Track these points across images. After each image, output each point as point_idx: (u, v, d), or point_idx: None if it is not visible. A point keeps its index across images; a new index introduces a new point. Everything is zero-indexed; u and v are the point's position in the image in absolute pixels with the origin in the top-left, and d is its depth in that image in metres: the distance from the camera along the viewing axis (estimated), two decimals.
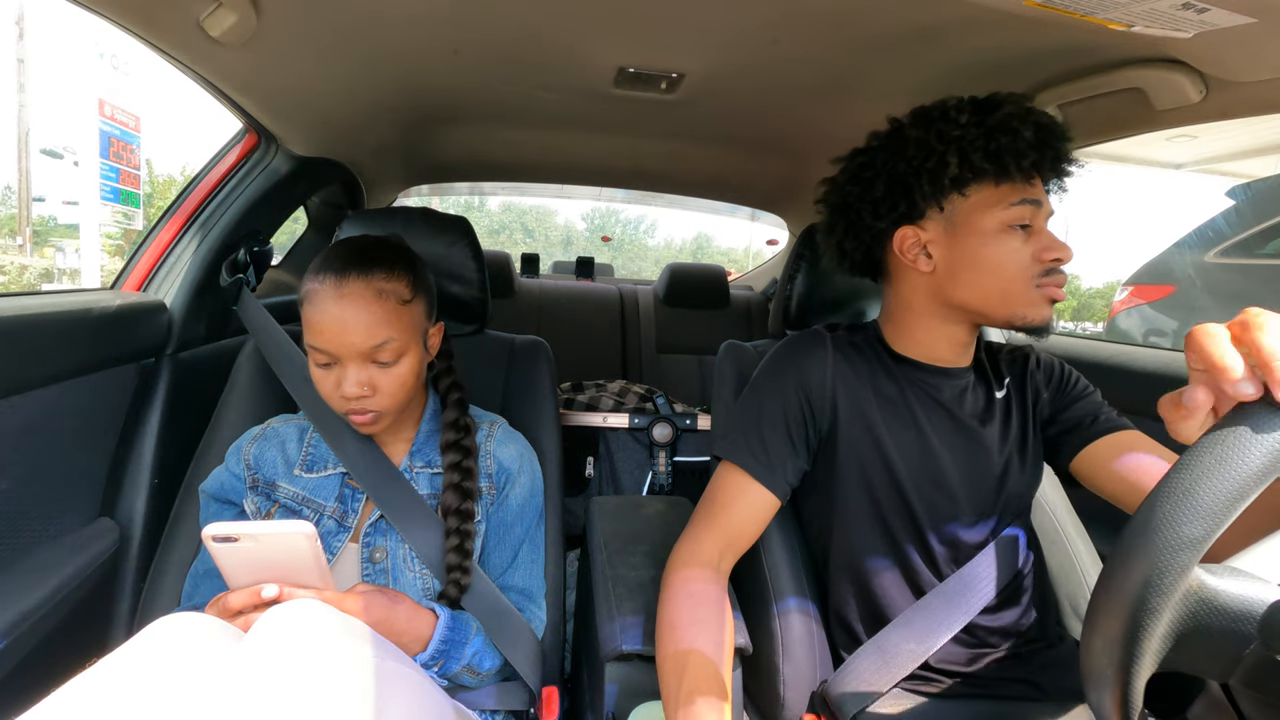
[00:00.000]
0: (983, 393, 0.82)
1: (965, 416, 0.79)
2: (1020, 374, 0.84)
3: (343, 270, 0.72)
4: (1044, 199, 0.73)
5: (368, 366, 0.73)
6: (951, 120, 0.73)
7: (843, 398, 0.79)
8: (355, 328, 0.71)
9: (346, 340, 0.71)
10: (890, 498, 0.77)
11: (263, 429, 0.85)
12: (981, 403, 0.81)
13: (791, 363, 0.81)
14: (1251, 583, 0.37)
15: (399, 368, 0.74)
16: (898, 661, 0.75)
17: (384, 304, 0.72)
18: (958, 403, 0.80)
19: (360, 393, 0.72)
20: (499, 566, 0.84)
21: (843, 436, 0.78)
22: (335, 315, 0.70)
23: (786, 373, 0.81)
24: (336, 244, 0.77)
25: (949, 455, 0.77)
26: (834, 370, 0.80)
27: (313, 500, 0.80)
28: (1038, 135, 0.70)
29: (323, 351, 0.72)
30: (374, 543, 0.79)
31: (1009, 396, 0.83)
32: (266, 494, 0.80)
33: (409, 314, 0.75)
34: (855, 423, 0.78)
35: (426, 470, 0.84)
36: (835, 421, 0.79)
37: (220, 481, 0.83)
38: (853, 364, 0.81)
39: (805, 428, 0.79)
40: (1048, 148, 0.71)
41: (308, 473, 0.82)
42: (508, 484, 0.85)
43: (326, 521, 0.79)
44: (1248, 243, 2.87)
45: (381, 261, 0.74)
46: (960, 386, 0.80)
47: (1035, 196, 0.72)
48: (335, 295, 0.71)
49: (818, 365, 0.80)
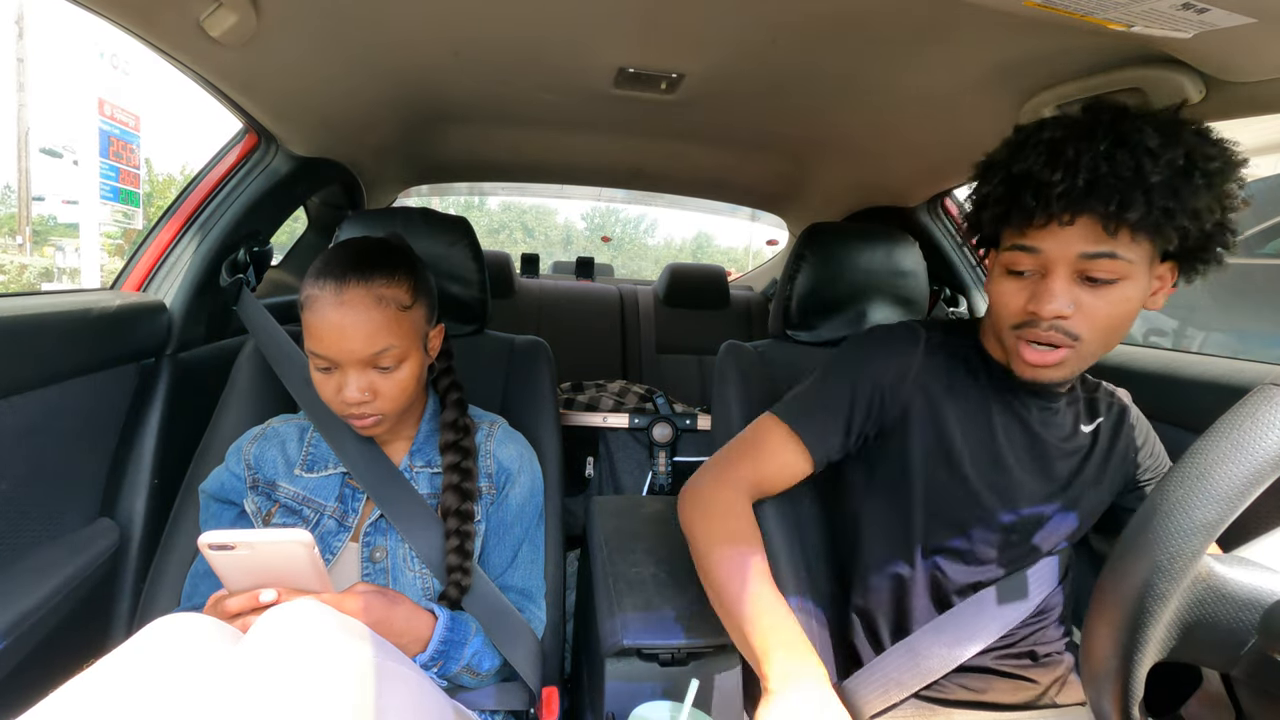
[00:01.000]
0: (1070, 421, 0.79)
1: (1047, 438, 0.77)
2: (1117, 420, 0.81)
3: (343, 276, 0.71)
4: (1050, 248, 0.65)
5: (368, 372, 0.73)
6: (1014, 151, 0.68)
7: (919, 398, 0.77)
8: (356, 335, 0.70)
9: (347, 347, 0.71)
10: (950, 500, 0.76)
11: (263, 429, 0.85)
12: (1067, 430, 0.78)
13: (876, 350, 0.80)
14: (1260, 573, 0.37)
15: (400, 373, 0.75)
16: (928, 665, 0.74)
17: (384, 310, 0.72)
18: (1042, 423, 0.77)
19: (361, 398, 0.72)
20: (499, 566, 0.84)
21: (913, 434, 0.76)
22: (335, 322, 0.70)
23: (866, 361, 0.79)
24: (336, 247, 0.77)
25: (1019, 471, 0.76)
26: (918, 371, 0.78)
27: (313, 500, 0.80)
28: (1069, 186, 0.61)
29: (323, 357, 0.72)
30: (374, 542, 0.79)
31: (1098, 434, 0.79)
32: (267, 494, 0.80)
33: (409, 319, 0.75)
34: (927, 425, 0.76)
35: (426, 470, 0.84)
36: (906, 420, 0.77)
37: (220, 481, 0.83)
38: (939, 366, 0.78)
39: (867, 417, 0.77)
40: (1071, 201, 0.62)
41: (308, 472, 0.82)
42: (508, 484, 0.85)
43: (326, 521, 0.79)
44: (1248, 243, 2.87)
45: (382, 266, 0.74)
46: (1048, 407, 0.77)
47: (1033, 244, 0.66)
48: (335, 302, 0.70)
49: (901, 362, 0.78)
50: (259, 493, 0.81)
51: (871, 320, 1.09)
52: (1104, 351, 0.69)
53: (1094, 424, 0.80)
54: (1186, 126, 0.62)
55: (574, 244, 39.73)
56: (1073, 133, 0.63)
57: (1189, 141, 0.61)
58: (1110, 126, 0.62)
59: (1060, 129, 0.64)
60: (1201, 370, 0.97)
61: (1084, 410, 0.80)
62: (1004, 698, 0.77)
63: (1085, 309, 0.65)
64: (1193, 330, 2.99)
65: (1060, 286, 0.65)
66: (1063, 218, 0.63)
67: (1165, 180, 0.59)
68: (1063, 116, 0.67)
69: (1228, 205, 0.63)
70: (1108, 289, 0.64)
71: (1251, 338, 2.81)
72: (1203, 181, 0.60)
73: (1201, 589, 0.36)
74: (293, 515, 0.80)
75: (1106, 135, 0.62)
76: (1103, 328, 0.66)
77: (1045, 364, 0.68)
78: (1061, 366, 0.69)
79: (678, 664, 0.76)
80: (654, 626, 0.76)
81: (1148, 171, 0.59)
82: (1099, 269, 0.64)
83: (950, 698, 0.76)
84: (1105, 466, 0.79)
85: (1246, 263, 2.85)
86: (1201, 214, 0.61)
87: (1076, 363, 0.69)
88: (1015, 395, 0.77)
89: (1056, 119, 0.67)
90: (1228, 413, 0.36)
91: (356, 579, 0.77)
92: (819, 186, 1.83)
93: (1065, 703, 0.78)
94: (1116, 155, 0.60)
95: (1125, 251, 0.63)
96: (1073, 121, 0.65)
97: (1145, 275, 0.65)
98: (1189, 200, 0.60)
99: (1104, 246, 0.63)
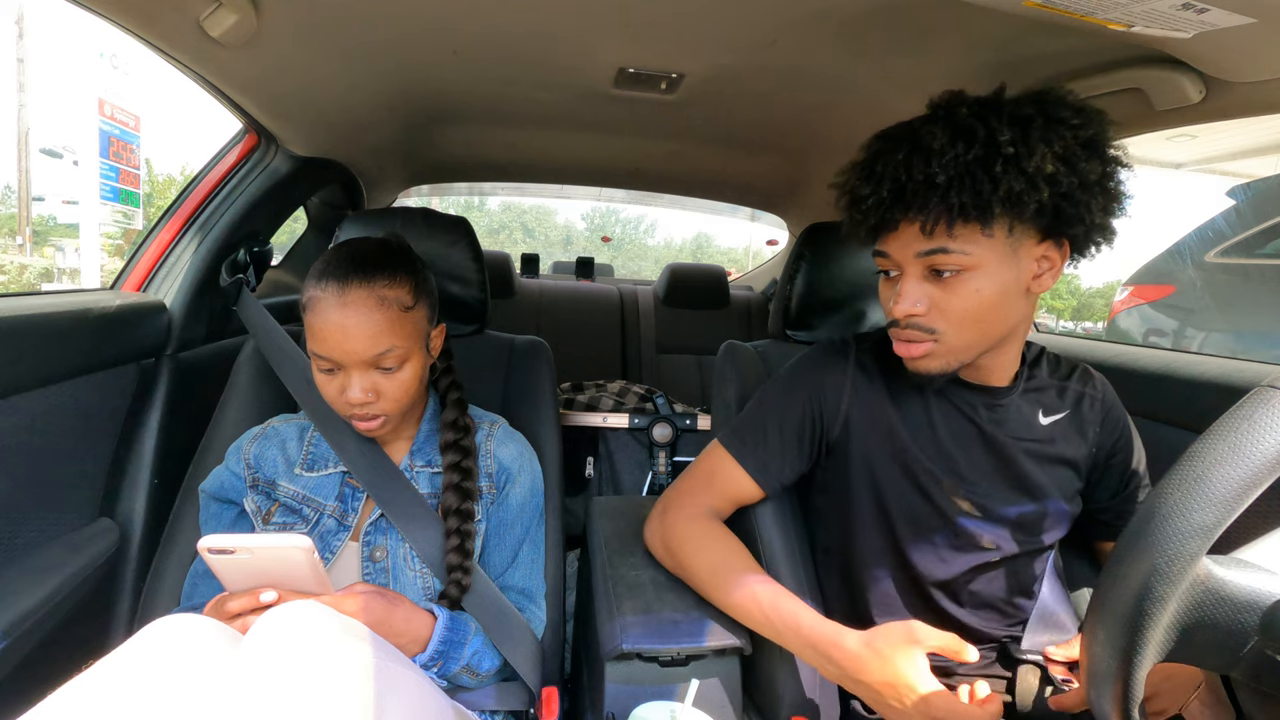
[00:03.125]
0: (1026, 416, 0.77)
1: (999, 435, 0.76)
2: (1075, 406, 0.79)
3: (345, 277, 0.71)
4: (894, 251, 0.69)
5: (371, 373, 0.73)
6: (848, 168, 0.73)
7: (857, 411, 0.78)
8: (358, 335, 0.70)
9: (350, 348, 0.71)
10: (909, 506, 0.76)
11: (263, 428, 0.85)
12: (1022, 426, 0.77)
13: (808, 372, 0.82)
14: (1258, 574, 0.37)
15: (403, 373, 0.75)
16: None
17: (387, 311, 0.72)
18: (993, 421, 0.76)
19: (365, 399, 0.72)
20: (499, 566, 0.84)
21: (855, 447, 0.78)
22: (338, 323, 0.70)
23: (802, 381, 0.81)
24: (337, 247, 0.77)
25: (972, 472, 0.76)
26: (851, 383, 0.79)
27: (313, 499, 0.80)
28: (877, 199, 0.66)
29: (326, 359, 0.72)
30: (374, 541, 0.79)
31: (1059, 426, 0.78)
32: (267, 493, 0.80)
33: (411, 320, 0.75)
34: (872, 435, 0.77)
35: (427, 469, 0.84)
36: (848, 434, 0.78)
37: (220, 481, 0.83)
38: (874, 376, 0.80)
39: (811, 434, 0.80)
40: (886, 210, 0.66)
41: (308, 471, 0.82)
42: (508, 483, 0.85)
43: (326, 520, 0.79)
44: (1248, 243, 2.87)
45: (384, 267, 0.74)
46: (996, 405, 0.76)
47: (882, 249, 0.70)
48: (338, 303, 0.70)
49: (835, 379, 0.80)
50: (259, 491, 0.81)
51: (871, 320, 1.09)
52: (982, 341, 0.70)
53: (1055, 416, 0.78)
54: (990, 116, 0.63)
55: (574, 244, 39.77)
56: (884, 146, 0.68)
57: (984, 132, 0.62)
58: (912, 133, 0.66)
59: (877, 143, 0.69)
60: (1200, 370, 0.97)
61: (1046, 403, 0.78)
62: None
63: (939, 304, 0.67)
64: (1192, 330, 2.99)
65: (908, 286, 0.68)
66: (888, 225, 0.68)
67: (958, 176, 0.61)
68: (885, 130, 0.70)
69: (1062, 177, 0.62)
70: (956, 282, 0.66)
71: (1251, 338, 2.81)
72: (1007, 166, 0.61)
73: (1200, 591, 0.36)
74: (292, 514, 0.79)
75: (906, 143, 0.65)
76: (959, 320, 0.67)
77: (913, 356, 0.70)
78: (931, 359, 0.70)
79: (677, 665, 0.76)
80: (653, 631, 0.76)
81: (934, 172, 0.62)
82: (939, 263, 0.66)
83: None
84: (1068, 459, 0.78)
85: (1246, 263, 2.85)
86: (1022, 195, 0.61)
87: (947, 354, 0.70)
88: (959, 395, 0.77)
89: (879, 133, 0.70)
90: (1225, 415, 0.36)
91: (357, 578, 0.77)
92: (819, 186, 1.83)
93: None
94: (912, 161, 0.64)
95: (954, 245, 0.65)
96: (887, 134, 0.69)
97: (1001, 262, 0.66)
98: (995, 187, 0.61)
99: (930, 244, 0.65)
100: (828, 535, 0.84)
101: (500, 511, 0.85)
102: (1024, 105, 0.64)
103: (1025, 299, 0.69)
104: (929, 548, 0.76)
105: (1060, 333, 1.83)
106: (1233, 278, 2.88)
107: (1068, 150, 0.62)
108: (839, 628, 0.67)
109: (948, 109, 0.66)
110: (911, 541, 0.76)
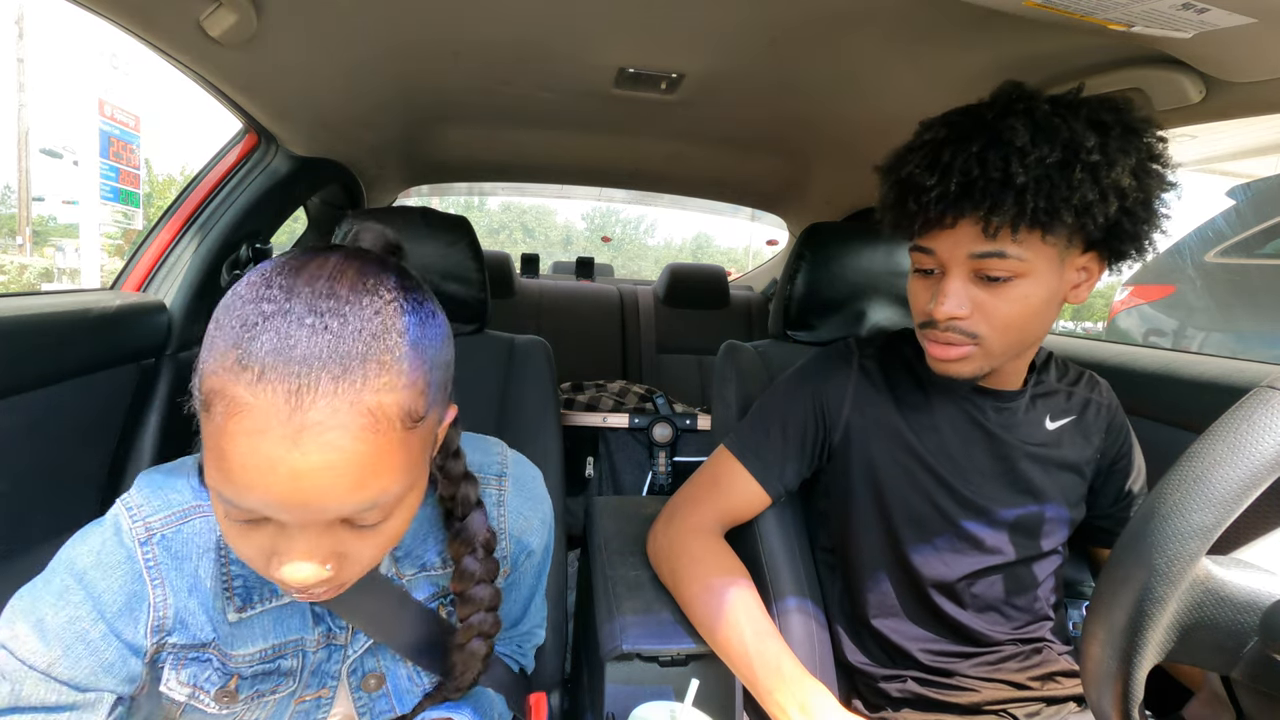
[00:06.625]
0: (1035, 420, 0.77)
1: (1009, 439, 0.75)
2: (1081, 412, 0.79)
3: (296, 371, 0.36)
4: (942, 249, 0.66)
5: (335, 532, 0.42)
6: (902, 154, 0.69)
7: (860, 416, 0.78)
8: (325, 490, 0.38)
9: (304, 506, 0.38)
10: (912, 509, 0.76)
11: (166, 517, 0.49)
12: (1030, 430, 0.76)
13: (811, 376, 0.82)
14: (1258, 575, 0.37)
15: (390, 524, 0.44)
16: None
17: (380, 437, 0.39)
18: (1001, 425, 0.76)
19: (318, 576, 0.42)
20: (508, 620, 0.73)
21: (858, 450, 0.78)
22: (282, 474, 0.37)
23: (805, 385, 0.81)
24: (277, 269, 0.40)
25: (979, 477, 0.75)
26: (854, 387, 0.79)
27: (287, 642, 0.53)
28: (943, 190, 0.62)
29: (245, 510, 0.39)
30: (366, 669, 0.59)
31: (1065, 431, 0.78)
32: (207, 660, 0.51)
33: (419, 439, 0.43)
34: (876, 439, 0.77)
35: (421, 575, 0.59)
36: (850, 437, 0.78)
37: (85, 669, 0.47)
38: (878, 380, 0.79)
39: (814, 437, 0.80)
40: (949, 205, 0.62)
41: (251, 609, 0.51)
42: (525, 559, 0.68)
43: (314, 657, 0.55)
44: (1248, 243, 2.87)
45: (378, 340, 0.39)
46: (1004, 408, 0.76)
47: (928, 245, 0.67)
48: (285, 434, 0.36)
49: (838, 383, 0.80)
50: (187, 663, 0.50)
51: (871, 320, 1.09)
52: (1019, 347, 0.69)
53: (1062, 421, 0.78)
54: (1070, 117, 0.60)
55: (574, 244, 39.79)
56: (952, 134, 0.63)
57: (1066, 135, 0.59)
58: (986, 125, 0.61)
59: (943, 129, 0.64)
60: (1200, 370, 0.97)
61: (1053, 407, 0.79)
62: (994, 694, 0.77)
63: (983, 308, 0.65)
64: (1192, 330, 2.99)
65: (954, 287, 0.65)
66: (945, 220, 0.64)
67: (1037, 179, 0.58)
68: (949, 115, 0.66)
69: (1131, 192, 0.60)
70: (1005, 287, 0.64)
71: (1251, 338, 2.81)
72: (1085, 175, 0.58)
73: (1200, 592, 0.36)
74: (266, 678, 0.53)
75: (981, 135, 0.61)
76: (1003, 326, 0.65)
77: (949, 359, 0.68)
78: (967, 362, 0.68)
79: (677, 665, 0.76)
80: (653, 631, 0.76)
81: (1014, 172, 0.58)
82: (991, 268, 0.63)
83: (946, 699, 0.76)
84: (1072, 464, 0.78)
85: (1246, 263, 2.85)
86: (1092, 206, 0.59)
87: (984, 359, 0.68)
88: (967, 398, 0.76)
89: (943, 118, 0.66)
90: (1224, 415, 0.36)
91: (348, 708, 0.59)
92: (819, 186, 1.83)
93: (1057, 695, 0.77)
94: (988, 156, 0.60)
95: (1014, 250, 0.62)
96: (955, 121, 0.64)
97: (1050, 271, 0.64)
98: (1070, 195, 0.59)
99: (989, 246, 0.62)
100: (829, 537, 0.84)
101: (514, 581, 0.69)
102: (1102, 110, 0.61)
103: (1059, 307, 0.68)
104: (930, 550, 0.76)
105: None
106: (1233, 278, 2.88)
107: (1139, 164, 0.60)
108: (822, 688, 0.65)
109: (1026, 103, 0.62)
110: (913, 543, 0.76)
